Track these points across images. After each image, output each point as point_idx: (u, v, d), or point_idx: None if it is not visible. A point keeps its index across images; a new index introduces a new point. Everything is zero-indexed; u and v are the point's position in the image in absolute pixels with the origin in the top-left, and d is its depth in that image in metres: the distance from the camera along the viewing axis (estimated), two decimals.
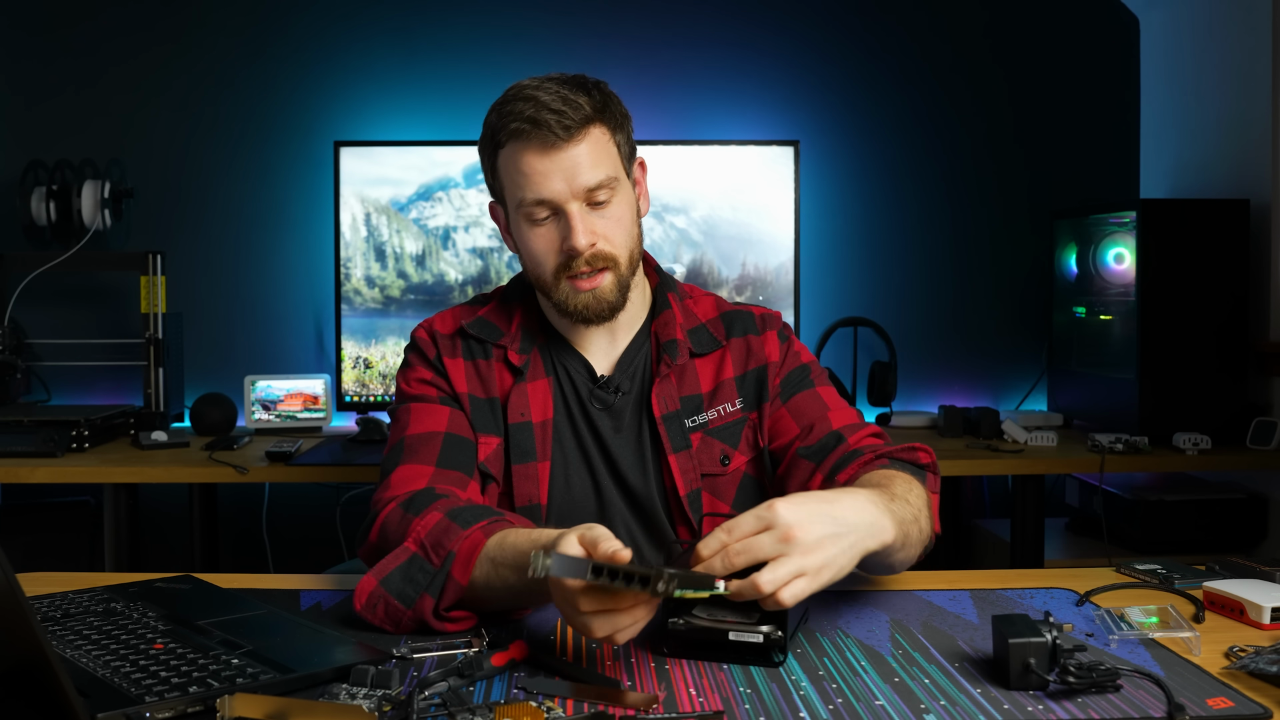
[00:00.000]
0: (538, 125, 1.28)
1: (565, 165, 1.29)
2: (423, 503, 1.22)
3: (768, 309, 1.50)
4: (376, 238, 2.78)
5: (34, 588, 1.26)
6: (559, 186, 1.30)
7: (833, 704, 0.93)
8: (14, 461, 2.40)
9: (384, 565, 1.16)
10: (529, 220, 1.33)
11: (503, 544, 1.13)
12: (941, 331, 3.15)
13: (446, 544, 1.14)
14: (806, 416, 1.40)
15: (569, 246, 1.31)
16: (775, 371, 1.43)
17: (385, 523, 1.23)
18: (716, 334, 1.45)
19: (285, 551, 3.00)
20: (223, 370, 2.98)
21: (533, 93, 1.30)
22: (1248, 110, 2.73)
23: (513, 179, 1.33)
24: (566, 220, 1.31)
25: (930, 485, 1.34)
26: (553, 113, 1.28)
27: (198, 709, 0.90)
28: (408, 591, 1.13)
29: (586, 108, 1.30)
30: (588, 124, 1.31)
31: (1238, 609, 1.15)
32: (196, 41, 3.03)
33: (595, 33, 3.07)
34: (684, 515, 1.37)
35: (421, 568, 1.14)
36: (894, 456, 1.34)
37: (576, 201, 1.31)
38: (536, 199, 1.31)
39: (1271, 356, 2.64)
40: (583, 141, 1.30)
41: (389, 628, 1.14)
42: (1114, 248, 2.76)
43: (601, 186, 1.31)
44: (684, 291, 1.49)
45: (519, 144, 1.30)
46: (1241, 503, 2.63)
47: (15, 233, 2.91)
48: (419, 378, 1.40)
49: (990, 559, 2.90)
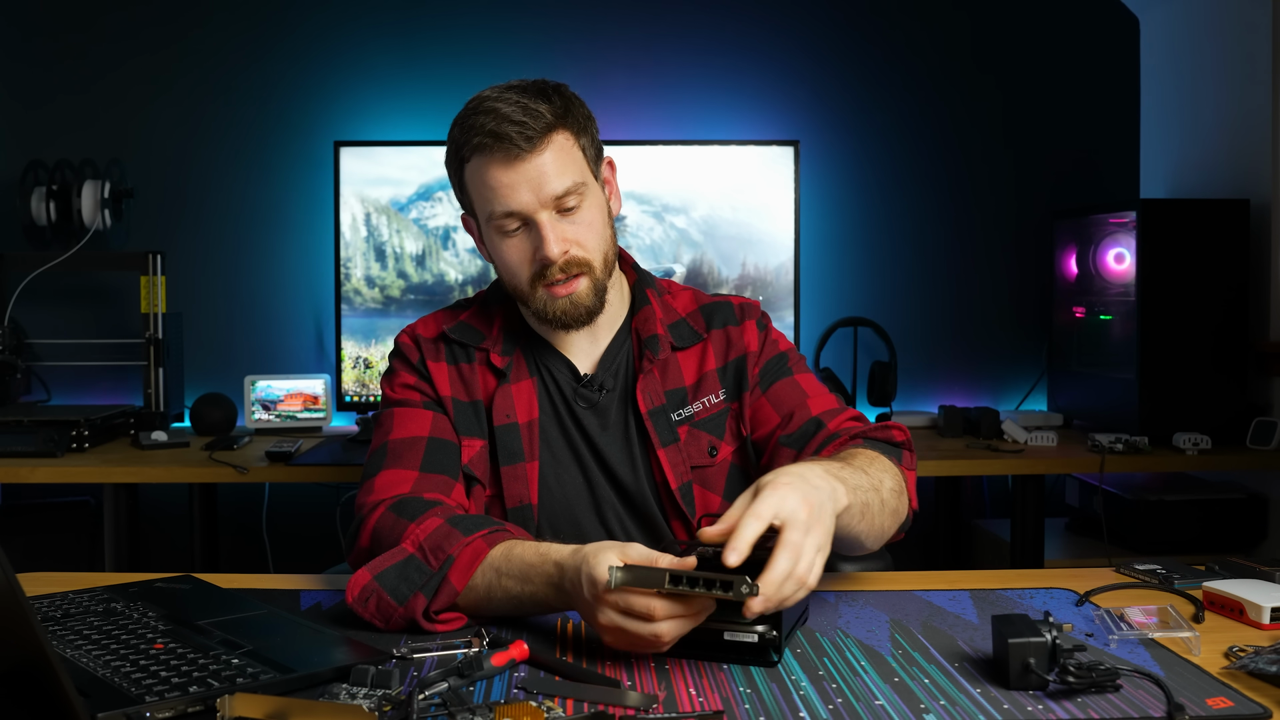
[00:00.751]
0: (499, 138, 1.28)
1: (531, 175, 1.29)
2: (417, 509, 1.23)
3: (746, 298, 1.50)
4: (376, 238, 2.78)
5: (34, 588, 1.26)
6: (526, 198, 1.30)
7: (833, 704, 0.93)
8: (14, 461, 2.40)
9: (380, 562, 1.17)
10: (500, 232, 1.33)
11: (509, 555, 1.14)
12: (941, 331, 3.15)
13: (447, 549, 1.15)
14: (786, 405, 1.41)
15: (542, 256, 1.31)
16: (754, 361, 1.44)
17: (378, 527, 1.23)
18: (696, 327, 1.46)
19: (285, 551, 3.00)
20: (223, 370, 2.98)
21: (492, 104, 1.30)
22: (1248, 110, 2.73)
23: (480, 193, 1.33)
24: (537, 230, 1.31)
25: (905, 462, 1.34)
26: (513, 124, 1.28)
27: (198, 709, 0.90)
28: (402, 589, 1.14)
29: (547, 115, 1.30)
30: (549, 131, 1.30)
31: (1237, 609, 1.15)
32: (197, 42, 3.03)
33: (594, 33, 3.07)
34: (676, 509, 1.38)
35: (419, 569, 1.15)
36: (868, 436, 1.35)
37: (546, 210, 1.31)
38: (505, 211, 1.31)
39: (1271, 356, 2.64)
40: (546, 150, 1.30)
41: (378, 623, 1.15)
42: (1114, 248, 2.76)
43: (569, 193, 1.31)
44: (662, 287, 1.50)
45: (483, 158, 1.30)
46: (1241, 503, 2.63)
47: (15, 233, 2.91)
48: (403, 383, 1.40)
49: (990, 559, 2.90)
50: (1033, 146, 3.16)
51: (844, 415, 1.39)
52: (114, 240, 2.89)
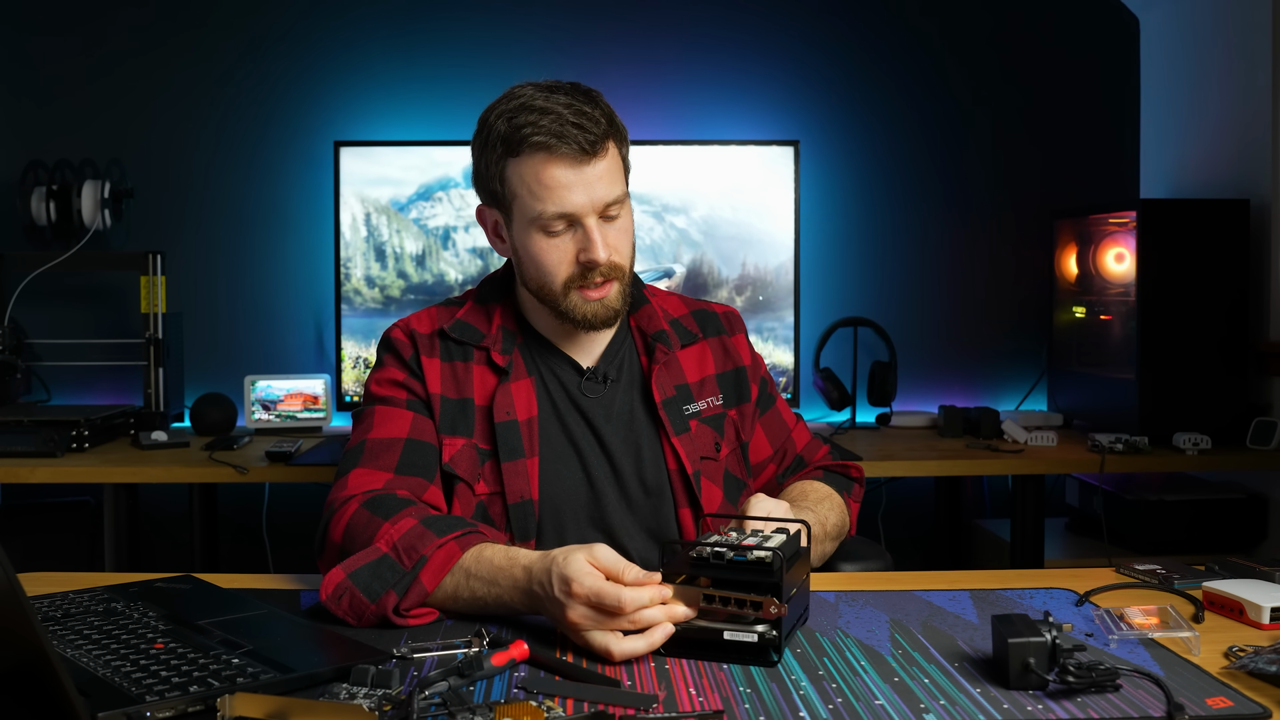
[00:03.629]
0: (562, 139, 1.29)
1: (590, 180, 1.31)
2: (391, 506, 1.24)
3: (727, 307, 1.60)
4: (376, 238, 2.78)
5: (34, 588, 1.26)
6: (581, 200, 1.31)
7: (833, 704, 0.93)
8: (14, 461, 2.40)
9: (354, 561, 1.18)
10: (545, 232, 1.34)
11: (479, 557, 1.17)
12: (941, 331, 3.15)
13: (420, 549, 1.17)
14: (778, 437, 1.57)
15: (588, 259, 1.33)
16: (750, 375, 1.54)
17: (351, 523, 1.24)
18: (691, 328, 1.52)
19: (285, 551, 2.99)
20: (223, 370, 2.98)
21: (546, 104, 1.30)
22: (1248, 110, 2.73)
23: (531, 189, 1.32)
24: (584, 233, 1.33)
25: (854, 494, 1.56)
26: (575, 126, 1.29)
27: (198, 708, 0.90)
28: (374, 587, 1.16)
29: (603, 122, 1.32)
30: (605, 139, 1.32)
31: (1237, 609, 1.15)
32: (197, 42, 3.03)
33: (595, 33, 3.07)
34: (689, 497, 1.41)
35: (391, 568, 1.17)
36: (829, 469, 1.57)
37: (594, 215, 1.33)
38: (559, 213, 1.32)
39: (1271, 356, 2.64)
40: (604, 158, 1.32)
41: (350, 619, 1.16)
42: (1114, 248, 2.76)
43: (617, 201, 1.34)
44: (651, 290, 1.55)
45: (542, 155, 1.30)
46: (1241, 503, 2.63)
47: (15, 233, 2.91)
48: (390, 379, 1.40)
49: (990, 559, 2.90)
50: (1033, 146, 3.16)
51: (820, 452, 1.60)
52: (114, 240, 2.89)
